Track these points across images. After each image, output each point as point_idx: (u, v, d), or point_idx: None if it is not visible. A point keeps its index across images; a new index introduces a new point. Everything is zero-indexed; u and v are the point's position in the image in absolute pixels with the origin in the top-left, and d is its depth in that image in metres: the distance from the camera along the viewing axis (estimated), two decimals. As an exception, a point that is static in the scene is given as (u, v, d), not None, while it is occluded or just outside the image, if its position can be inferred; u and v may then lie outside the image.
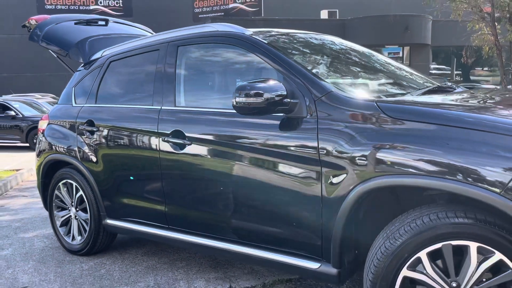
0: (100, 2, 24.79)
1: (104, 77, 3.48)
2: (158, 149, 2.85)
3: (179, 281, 2.99)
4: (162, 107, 2.90)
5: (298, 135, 2.26)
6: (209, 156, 2.63)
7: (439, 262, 1.89)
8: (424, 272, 1.89)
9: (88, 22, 4.21)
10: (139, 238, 3.89)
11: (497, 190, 1.72)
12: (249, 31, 2.74)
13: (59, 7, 24.20)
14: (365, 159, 2.02)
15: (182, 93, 2.88)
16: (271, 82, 2.24)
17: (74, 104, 3.65)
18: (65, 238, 3.69)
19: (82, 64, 3.83)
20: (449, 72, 27.74)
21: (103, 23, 4.29)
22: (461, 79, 26.52)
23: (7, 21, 23.83)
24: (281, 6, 25.25)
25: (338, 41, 3.25)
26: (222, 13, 20.62)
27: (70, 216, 3.65)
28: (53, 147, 3.71)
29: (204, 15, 20.93)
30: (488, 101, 2.41)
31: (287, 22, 20.47)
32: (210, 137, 2.60)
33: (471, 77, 26.49)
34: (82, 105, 3.55)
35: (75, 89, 3.71)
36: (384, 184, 1.98)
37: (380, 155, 1.98)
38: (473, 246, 1.82)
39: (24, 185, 7.29)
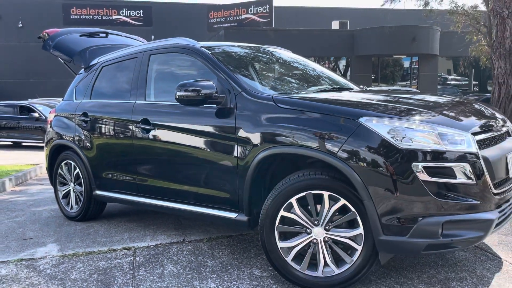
0: (122, 13, 26.17)
1: (97, 79, 4.40)
2: (131, 134, 3.73)
3: (146, 236, 3.86)
4: (136, 101, 3.78)
5: (224, 120, 3.09)
6: (165, 138, 3.49)
7: (306, 206, 2.69)
8: (295, 213, 2.69)
9: (91, 34, 5.15)
10: (125, 210, 4.78)
11: (334, 155, 2.52)
12: (200, 44, 3.60)
13: (83, 17, 25.68)
14: (261, 136, 2.85)
15: (151, 90, 3.76)
16: (204, 82, 3.09)
17: (74, 100, 4.58)
18: (65, 208, 4.61)
19: (83, 69, 4.76)
20: (467, 82, 28.05)
21: (104, 35, 5.22)
22: (478, 89, 26.77)
23: (35, 31, 25.38)
24: (294, 16, 26.16)
25: (277, 52, 4.12)
26: (235, 24, 21.60)
27: (70, 189, 4.57)
28: (58, 134, 4.63)
29: (218, 25, 21.95)
30: (359, 97, 3.14)
31: (297, 32, 21.33)
32: (166, 123, 3.47)
33: (489, 88, 26.75)
34: (80, 101, 4.47)
35: (76, 88, 4.65)
36: (272, 152, 2.79)
37: (270, 133, 2.81)
38: (326, 194, 2.61)
39: (42, 176, 8.28)
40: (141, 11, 26.12)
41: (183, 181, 3.43)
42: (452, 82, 27.88)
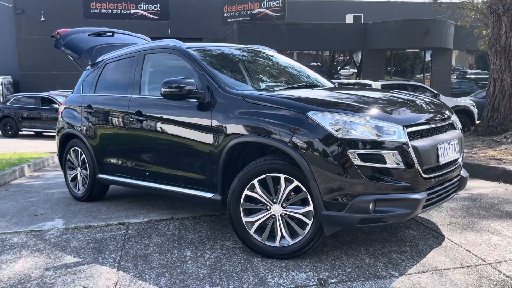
0: (140, 7, 26.78)
1: (101, 75, 4.94)
2: (127, 124, 4.25)
3: (141, 214, 4.40)
4: (132, 95, 4.30)
5: (203, 113, 3.57)
6: (154, 128, 3.99)
7: (266, 187, 3.16)
8: (257, 192, 3.16)
9: (99, 34, 5.68)
10: (127, 192, 5.32)
11: (286, 143, 2.98)
12: (186, 45, 4.08)
13: (103, 11, 26.38)
14: (231, 127, 3.32)
15: (145, 86, 4.27)
16: (185, 80, 3.56)
17: (81, 94, 5.12)
18: (73, 189, 5.18)
19: (90, 65, 5.30)
20: (487, 76, 27.88)
21: (110, 34, 5.75)
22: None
23: (57, 25, 26.24)
24: (307, 10, 26.39)
25: (260, 52, 4.58)
26: (249, 18, 22.01)
27: (77, 173, 5.13)
28: (67, 124, 5.19)
29: (232, 19, 22.39)
30: (318, 94, 3.58)
31: (309, 26, 21.61)
32: (156, 115, 3.97)
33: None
34: (86, 94, 5.02)
35: (83, 83, 5.19)
36: (239, 141, 3.27)
37: (238, 124, 3.28)
38: (282, 177, 3.08)
39: (58, 163, 8.90)
40: (159, 5, 26.69)
41: (169, 166, 3.94)
42: (472, 76, 27.74)
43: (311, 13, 26.05)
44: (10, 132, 16.28)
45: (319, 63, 23.96)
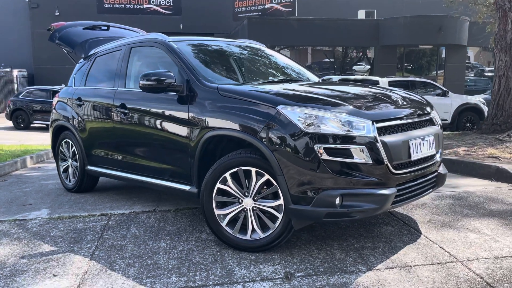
0: (153, 1, 26.91)
1: (91, 68, 5.00)
2: (112, 116, 4.29)
3: (125, 205, 4.45)
4: (117, 89, 4.34)
5: (181, 106, 3.58)
6: (136, 120, 4.02)
7: (238, 180, 3.17)
8: (229, 185, 3.17)
9: (94, 27, 5.74)
10: (118, 185, 5.38)
11: (255, 136, 2.98)
12: (170, 38, 4.09)
13: (116, 6, 26.59)
14: (206, 120, 3.34)
15: (130, 79, 4.31)
16: (164, 73, 3.58)
17: (73, 86, 5.20)
18: (65, 181, 5.26)
19: (82, 58, 5.36)
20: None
21: (106, 28, 5.81)
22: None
23: (71, 19, 26.52)
24: (319, 6, 26.21)
25: (248, 46, 4.58)
26: (259, 13, 21.95)
27: (68, 165, 5.21)
28: (59, 116, 5.27)
29: (243, 14, 22.36)
30: (293, 88, 3.56)
31: (320, 22, 21.47)
32: (138, 107, 4.00)
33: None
34: (77, 87, 5.08)
35: (75, 75, 5.26)
36: (213, 134, 3.28)
37: (212, 117, 3.29)
38: (253, 170, 3.08)
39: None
40: (171, 0, 26.81)
41: (149, 158, 3.98)
42: (489, 74, 27.29)
43: (323, 8, 25.86)
44: (22, 125, 16.58)
45: (331, 59, 23.80)
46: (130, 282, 2.76)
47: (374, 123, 2.89)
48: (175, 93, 3.64)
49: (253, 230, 3.14)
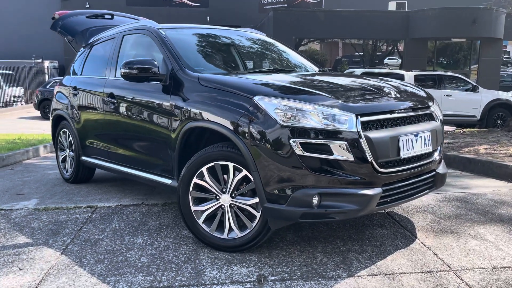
0: (181, -6, 26.96)
1: (88, 56, 4.90)
2: (103, 106, 4.18)
3: (114, 198, 4.34)
4: (108, 78, 4.21)
5: (164, 95, 3.41)
6: (123, 110, 3.88)
7: (215, 175, 2.98)
8: (206, 180, 2.99)
9: (97, 16, 5.64)
10: (116, 177, 5.29)
11: (230, 129, 2.78)
12: (159, 26, 3.93)
13: (143, -1, 26.79)
14: (186, 110, 3.15)
15: (119, 67, 4.16)
16: (147, 61, 3.42)
17: (71, 76, 5.11)
18: (63, 171, 5.20)
19: (82, 47, 5.27)
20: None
21: (109, 16, 5.70)
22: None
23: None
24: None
25: (245, 35, 4.37)
26: (285, 5, 21.59)
27: (66, 155, 5.15)
28: (58, 106, 5.21)
29: (269, 6, 22.06)
30: (279, 78, 3.32)
31: (347, 13, 20.92)
32: (124, 96, 3.86)
33: None
34: (75, 76, 5.00)
35: (74, 65, 5.18)
36: (192, 126, 3.09)
37: (191, 108, 3.11)
38: (231, 165, 2.89)
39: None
40: (199, -7, 26.80)
41: (135, 150, 3.84)
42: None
43: (352, 0, 25.23)
44: (49, 115, 16.87)
45: (361, 53, 23.18)
46: (93, 280, 2.63)
47: (359, 116, 2.64)
48: (158, 82, 3.47)
49: (230, 228, 2.95)
